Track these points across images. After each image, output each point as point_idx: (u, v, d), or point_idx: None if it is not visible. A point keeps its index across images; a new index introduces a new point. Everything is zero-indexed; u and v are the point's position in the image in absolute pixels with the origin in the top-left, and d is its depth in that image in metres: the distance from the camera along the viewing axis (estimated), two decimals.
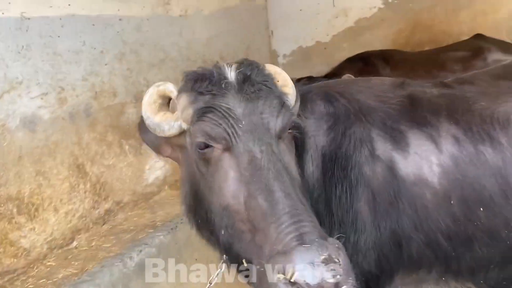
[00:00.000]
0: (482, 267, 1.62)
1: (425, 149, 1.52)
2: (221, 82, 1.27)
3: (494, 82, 1.71)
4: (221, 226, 1.26)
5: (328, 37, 5.30)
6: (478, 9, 4.64)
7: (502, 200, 1.51)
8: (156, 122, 1.36)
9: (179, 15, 3.79)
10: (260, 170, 1.16)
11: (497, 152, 1.51)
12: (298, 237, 1.05)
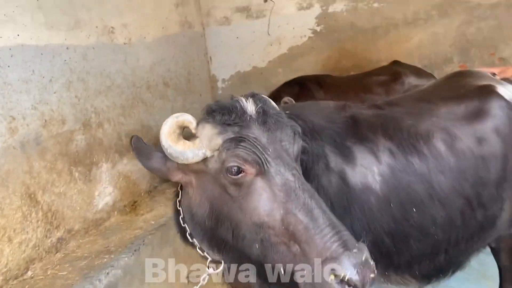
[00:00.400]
0: (416, 259, 1.93)
1: (368, 161, 1.81)
2: (245, 115, 1.42)
3: (415, 104, 2.08)
4: (254, 240, 1.39)
5: (264, 62, 5.64)
6: (393, 39, 5.23)
7: (429, 201, 1.83)
8: (180, 150, 1.44)
9: (123, 43, 3.87)
10: (295, 191, 1.34)
11: (423, 161, 1.85)
12: (342, 244, 1.26)
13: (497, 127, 1.97)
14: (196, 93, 5.32)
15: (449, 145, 1.89)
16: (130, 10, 3.99)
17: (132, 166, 3.82)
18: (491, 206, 1.97)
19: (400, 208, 1.81)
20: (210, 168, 1.45)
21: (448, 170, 1.86)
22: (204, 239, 1.61)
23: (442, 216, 1.85)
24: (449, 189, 1.85)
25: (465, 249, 2.03)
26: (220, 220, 1.48)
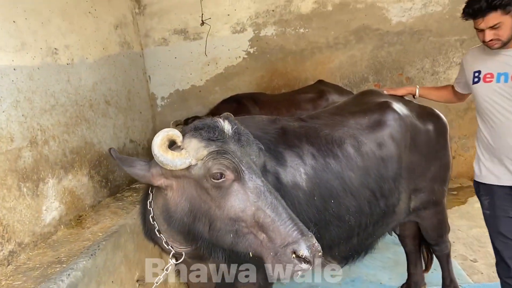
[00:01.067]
0: (335, 243, 2.36)
1: (296, 163, 2.23)
2: (224, 133, 1.76)
3: (331, 117, 2.55)
4: (229, 232, 1.72)
5: (202, 81, 5.99)
6: (318, 60, 5.85)
7: (343, 193, 2.29)
8: (170, 159, 1.70)
9: (66, 63, 4.03)
10: (264, 193, 1.69)
11: (337, 162, 2.31)
12: (299, 232, 1.63)
13: (392, 134, 2.50)
14: (137, 111, 5.53)
15: (356, 148, 2.38)
16: (72, 32, 4.17)
17: (77, 182, 3.96)
18: (391, 197, 2.49)
19: (322, 200, 2.24)
20: (193, 174, 1.75)
21: (356, 168, 2.34)
22: (179, 233, 1.88)
23: (354, 205, 2.32)
24: (358, 183, 2.33)
25: (372, 232, 2.51)
26: (197, 217, 1.77)
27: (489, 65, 2.45)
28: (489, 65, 2.45)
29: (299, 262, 1.60)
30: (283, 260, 1.61)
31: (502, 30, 2.27)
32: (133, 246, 3.21)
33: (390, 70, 5.85)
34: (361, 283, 3.72)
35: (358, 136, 2.43)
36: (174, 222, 1.85)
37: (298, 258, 1.60)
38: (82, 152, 4.11)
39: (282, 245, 1.61)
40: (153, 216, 1.93)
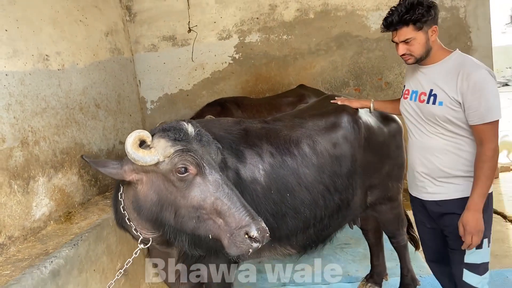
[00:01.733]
0: (293, 233, 2.61)
1: (255, 161, 2.48)
2: (188, 135, 2.02)
3: (292, 119, 2.81)
4: (192, 218, 1.98)
5: (189, 85, 6.25)
6: (300, 66, 6.11)
7: (298, 188, 2.54)
8: (141, 156, 1.94)
9: (57, 69, 4.28)
10: (222, 185, 1.96)
11: (293, 160, 2.56)
12: (251, 217, 1.91)
13: (346, 135, 2.76)
14: (126, 114, 5.79)
15: (312, 147, 2.64)
16: (63, 39, 4.43)
17: (66, 180, 4.21)
18: (345, 192, 2.74)
19: (278, 194, 2.50)
20: (161, 169, 2.00)
21: (311, 165, 2.60)
22: (148, 221, 2.12)
23: (308, 199, 2.58)
24: (312, 179, 2.59)
25: (328, 224, 2.75)
26: (164, 206, 2.03)
27: (410, 81, 2.48)
28: (410, 81, 2.48)
29: (250, 242, 1.88)
30: (237, 240, 1.88)
31: (414, 46, 2.24)
32: (115, 238, 3.45)
33: (370, 75, 6.10)
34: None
35: (314, 137, 2.68)
36: (144, 211, 2.09)
37: (250, 238, 1.87)
38: (72, 153, 4.36)
39: (236, 227, 1.89)
40: (124, 207, 2.17)
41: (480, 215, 2.18)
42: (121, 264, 3.47)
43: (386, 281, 3.68)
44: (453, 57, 2.28)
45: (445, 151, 2.29)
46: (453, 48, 2.39)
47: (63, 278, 2.63)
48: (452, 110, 2.21)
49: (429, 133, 2.33)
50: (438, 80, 2.26)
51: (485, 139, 2.15)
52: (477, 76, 2.13)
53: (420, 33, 2.22)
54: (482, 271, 2.31)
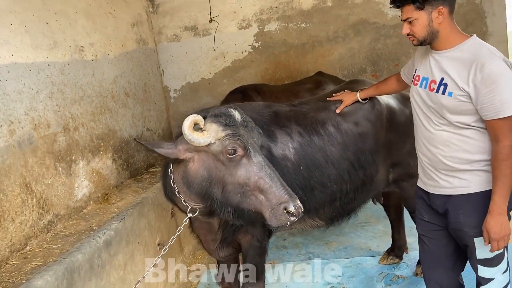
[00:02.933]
0: (320, 205, 2.84)
1: (285, 140, 2.72)
2: (236, 120, 2.27)
3: (317, 103, 3.03)
4: (237, 193, 2.24)
5: (211, 74, 6.48)
6: (318, 54, 6.28)
7: (325, 164, 2.77)
8: (196, 137, 2.20)
9: (91, 59, 4.56)
10: (264, 166, 2.22)
11: (320, 138, 2.79)
12: (289, 195, 2.18)
13: (368, 116, 2.97)
14: (152, 102, 6.06)
15: (336, 127, 2.86)
16: (95, 31, 4.69)
17: (102, 164, 4.51)
18: (369, 168, 2.96)
19: (307, 169, 2.73)
20: (212, 149, 2.25)
21: (337, 143, 2.83)
22: (197, 195, 2.37)
23: (335, 174, 2.81)
24: (338, 156, 2.81)
25: (353, 198, 2.98)
26: (213, 182, 2.28)
27: (421, 67, 2.35)
28: (421, 67, 2.35)
29: (288, 216, 2.15)
30: (277, 214, 2.16)
31: (416, 27, 2.15)
32: (154, 215, 3.74)
33: (387, 61, 6.24)
34: (353, 249, 4.21)
35: (339, 117, 2.90)
36: (194, 185, 2.35)
37: (288, 213, 2.14)
38: (106, 138, 4.66)
39: (277, 203, 2.16)
40: (173, 181, 2.43)
41: (504, 218, 2.07)
42: (160, 238, 3.76)
43: (407, 254, 3.90)
44: (468, 43, 2.13)
45: (448, 143, 2.21)
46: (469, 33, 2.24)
47: (114, 248, 2.92)
48: (461, 102, 2.10)
49: (435, 124, 2.24)
50: (450, 69, 2.12)
51: (501, 136, 2.02)
52: (492, 67, 1.98)
53: (422, 13, 2.10)
54: (496, 262, 2.24)
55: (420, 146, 2.40)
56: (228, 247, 2.81)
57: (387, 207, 3.82)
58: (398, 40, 6.18)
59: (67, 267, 2.44)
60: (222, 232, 2.66)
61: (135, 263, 3.24)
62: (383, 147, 3.05)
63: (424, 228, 2.50)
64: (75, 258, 2.54)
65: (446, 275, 2.44)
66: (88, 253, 2.62)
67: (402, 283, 3.60)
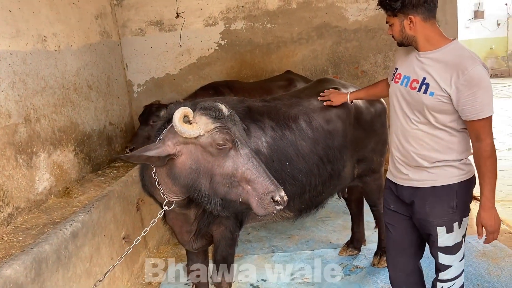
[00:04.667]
0: (291, 198, 2.93)
1: (259, 134, 2.80)
2: (224, 114, 2.31)
3: (290, 99, 3.14)
4: (225, 184, 2.27)
5: (176, 70, 6.45)
6: (283, 54, 6.43)
7: (296, 158, 2.89)
8: (186, 129, 2.20)
9: (54, 50, 4.43)
10: (251, 158, 2.27)
11: (292, 133, 2.90)
12: (275, 185, 2.24)
13: (338, 113, 3.12)
14: (115, 96, 5.95)
15: (308, 123, 2.98)
16: (58, 21, 4.56)
17: (64, 157, 4.39)
18: (336, 163, 3.11)
19: (279, 163, 2.83)
20: (201, 142, 2.26)
21: (307, 138, 2.95)
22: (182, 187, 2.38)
23: (305, 168, 2.93)
24: (308, 150, 2.94)
25: (321, 191, 3.12)
26: (201, 173, 2.30)
27: (403, 65, 2.42)
28: (403, 65, 2.42)
29: (275, 204, 2.23)
30: (264, 203, 2.23)
31: (393, 31, 2.33)
32: (120, 208, 3.70)
33: (347, 63, 6.51)
34: (314, 242, 4.38)
35: (310, 114, 3.03)
36: (181, 178, 2.35)
37: (274, 202, 2.22)
38: (68, 131, 4.54)
39: (264, 193, 2.23)
40: (155, 172, 2.42)
41: (495, 211, 2.22)
42: (125, 232, 3.73)
43: (365, 246, 4.12)
44: (450, 46, 2.24)
45: (421, 142, 2.33)
46: None
47: (80, 240, 2.88)
48: (441, 102, 2.20)
49: (411, 122, 2.34)
50: (433, 70, 2.22)
51: (483, 135, 2.16)
52: (475, 72, 2.10)
53: (396, 19, 2.27)
54: (455, 251, 2.39)
55: (394, 142, 2.49)
56: (202, 238, 2.85)
57: (349, 201, 4.01)
58: (358, 44, 6.46)
59: (35, 257, 2.39)
60: (198, 223, 2.70)
61: (101, 256, 3.21)
62: (350, 144, 3.22)
63: (390, 217, 2.64)
64: (42, 248, 2.49)
65: (409, 261, 2.60)
66: (55, 244, 2.57)
67: (360, 273, 3.79)
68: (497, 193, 5.31)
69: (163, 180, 2.41)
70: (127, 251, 2.50)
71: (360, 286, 3.60)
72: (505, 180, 5.89)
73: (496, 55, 24.40)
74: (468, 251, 3.79)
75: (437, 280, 2.49)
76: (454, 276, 2.44)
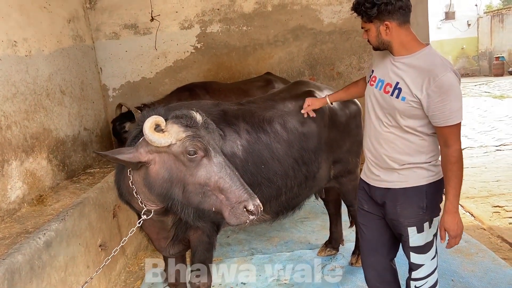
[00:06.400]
0: (267, 200, 2.96)
1: (234, 137, 2.81)
2: (197, 122, 2.28)
3: (265, 102, 3.16)
4: (198, 194, 2.24)
5: (152, 73, 6.40)
6: (259, 56, 6.45)
7: (271, 160, 2.90)
8: (157, 138, 2.17)
9: (25, 55, 4.33)
10: (224, 167, 2.23)
11: (266, 136, 2.92)
12: (249, 194, 2.21)
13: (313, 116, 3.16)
14: (89, 101, 5.85)
15: (282, 126, 3.01)
16: (29, 25, 4.46)
17: (37, 165, 4.30)
18: (311, 165, 3.14)
19: (254, 166, 2.84)
20: (173, 151, 2.24)
21: (282, 141, 2.97)
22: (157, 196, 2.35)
23: (280, 170, 2.95)
24: (283, 152, 2.96)
25: (298, 193, 3.15)
26: (174, 183, 2.27)
27: (379, 68, 2.44)
28: (379, 68, 2.44)
29: (248, 214, 2.20)
30: (237, 212, 2.20)
31: (369, 36, 2.34)
32: (95, 216, 3.65)
33: (323, 65, 6.58)
34: (293, 243, 4.42)
35: (285, 116, 3.05)
36: (155, 187, 2.33)
37: (247, 212, 2.20)
38: (41, 138, 4.44)
39: (237, 202, 2.20)
40: (132, 182, 2.40)
41: (459, 215, 2.27)
42: (101, 239, 3.67)
43: (343, 246, 4.17)
44: (423, 52, 2.26)
45: (392, 145, 2.37)
46: None
47: (55, 249, 2.82)
48: (412, 108, 2.23)
49: (384, 125, 2.38)
50: (406, 75, 2.24)
51: (451, 141, 2.20)
52: (445, 79, 2.13)
53: (371, 25, 2.28)
54: (426, 250, 2.44)
55: (367, 143, 2.52)
56: (179, 244, 2.83)
57: (327, 202, 4.06)
58: (333, 46, 6.54)
59: (8, 268, 2.33)
60: (175, 229, 2.68)
61: (76, 265, 3.15)
62: (325, 145, 3.25)
63: (364, 218, 2.68)
64: (15, 259, 2.42)
65: (381, 260, 2.65)
66: (28, 254, 2.50)
67: (339, 272, 3.84)
68: (469, 189, 5.56)
69: (140, 189, 2.39)
70: (105, 261, 2.47)
71: (338, 286, 3.64)
72: (476, 177, 6.06)
73: (467, 55, 25.12)
74: (441, 247, 3.89)
75: (410, 279, 2.54)
76: (426, 275, 2.49)
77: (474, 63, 25.29)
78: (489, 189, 5.61)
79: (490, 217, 4.72)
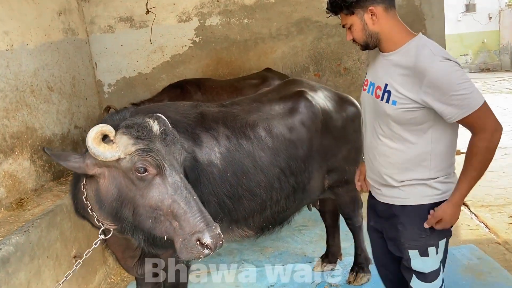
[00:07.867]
0: (250, 214, 2.64)
1: (211, 144, 2.48)
2: (152, 133, 1.97)
3: (250, 103, 2.82)
4: (149, 218, 1.96)
5: (148, 69, 6.10)
6: (261, 50, 6.10)
7: (254, 170, 2.57)
8: (101, 151, 1.89)
9: (6, 49, 4.07)
10: (180, 188, 1.93)
11: (249, 143, 2.58)
12: (206, 223, 1.89)
13: (303, 120, 2.81)
14: (82, 97, 5.60)
15: (268, 131, 2.67)
16: (11, 18, 4.20)
17: (17, 166, 4.05)
18: (300, 175, 2.80)
19: (234, 176, 2.52)
20: (122, 166, 1.96)
21: (267, 148, 2.63)
22: (108, 215, 2.09)
23: (264, 181, 2.62)
24: (267, 162, 2.62)
25: (285, 207, 2.82)
26: (124, 203, 2.00)
27: (370, 70, 2.18)
28: (370, 70, 2.18)
29: (202, 248, 1.88)
30: (188, 245, 1.89)
31: (354, 33, 2.03)
32: (69, 224, 3.38)
33: (329, 60, 6.19)
34: (288, 255, 4.09)
35: (271, 121, 2.71)
36: (105, 205, 2.07)
37: (202, 245, 1.87)
38: (23, 137, 4.19)
39: (190, 233, 1.89)
40: (86, 197, 2.13)
41: (458, 209, 2.00)
42: (76, 250, 3.40)
43: (341, 260, 3.82)
44: (411, 44, 1.98)
45: (388, 158, 2.09)
46: None
47: (13, 266, 2.56)
48: (406, 111, 1.94)
49: (378, 136, 2.10)
50: (393, 75, 1.97)
51: (475, 129, 1.88)
52: (434, 72, 1.84)
53: (354, 17, 1.99)
54: (430, 279, 2.13)
55: (365, 157, 2.27)
56: (148, 263, 2.53)
57: (323, 213, 3.71)
58: (340, 39, 6.14)
59: None
60: (142, 248, 2.38)
61: (42, 280, 2.89)
62: (318, 153, 2.91)
63: (371, 234, 2.41)
64: None
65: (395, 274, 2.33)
66: None
67: None
68: (485, 197, 5.12)
69: (94, 205, 2.11)
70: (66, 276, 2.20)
71: None
72: (493, 183, 5.61)
73: (488, 49, 24.22)
74: (450, 264, 3.52)
75: None
76: None
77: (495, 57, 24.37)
78: (507, 197, 5.16)
79: (506, 229, 4.30)
